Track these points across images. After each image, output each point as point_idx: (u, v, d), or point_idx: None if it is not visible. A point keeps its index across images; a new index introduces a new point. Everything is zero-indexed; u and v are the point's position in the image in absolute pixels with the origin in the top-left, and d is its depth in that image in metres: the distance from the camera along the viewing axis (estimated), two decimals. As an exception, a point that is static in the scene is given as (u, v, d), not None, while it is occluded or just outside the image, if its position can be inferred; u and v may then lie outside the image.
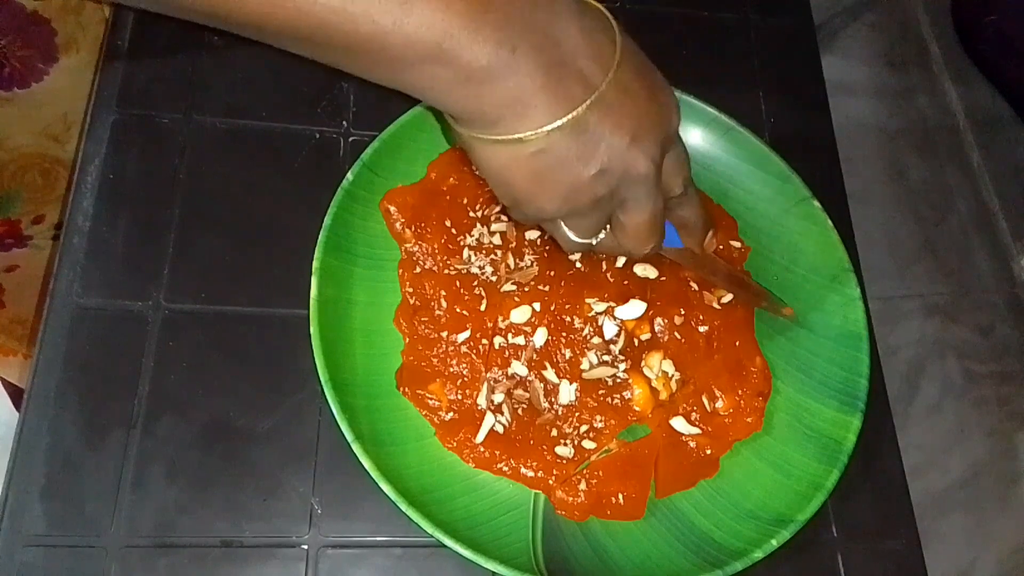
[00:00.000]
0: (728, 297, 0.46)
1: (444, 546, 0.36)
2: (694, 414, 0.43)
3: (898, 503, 0.47)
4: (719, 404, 0.44)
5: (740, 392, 0.44)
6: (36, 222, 0.61)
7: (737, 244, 0.48)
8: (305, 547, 0.40)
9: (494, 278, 0.44)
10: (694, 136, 0.50)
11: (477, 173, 0.42)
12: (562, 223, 0.32)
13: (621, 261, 0.45)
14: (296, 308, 0.44)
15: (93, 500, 0.39)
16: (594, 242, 0.33)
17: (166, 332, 0.43)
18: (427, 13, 0.24)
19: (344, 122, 0.50)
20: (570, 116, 0.27)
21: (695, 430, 0.43)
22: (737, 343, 0.45)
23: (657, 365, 0.44)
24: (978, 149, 1.51)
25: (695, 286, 0.46)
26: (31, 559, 0.38)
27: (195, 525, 0.39)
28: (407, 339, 0.43)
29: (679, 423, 0.43)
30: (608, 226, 0.33)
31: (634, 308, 0.43)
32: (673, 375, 0.44)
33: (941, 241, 1.42)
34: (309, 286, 0.40)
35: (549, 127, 0.27)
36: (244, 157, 0.48)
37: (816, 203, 0.48)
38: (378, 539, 0.41)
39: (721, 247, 0.47)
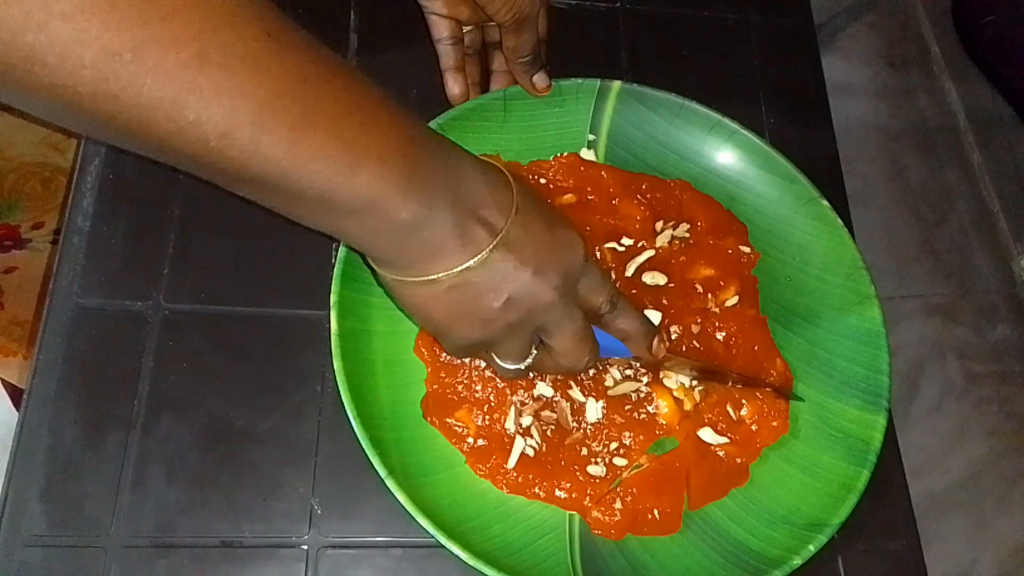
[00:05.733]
0: (733, 300, 0.46)
1: (443, 547, 0.36)
2: (720, 424, 0.43)
3: (898, 503, 0.47)
4: (744, 412, 0.44)
5: (762, 396, 0.44)
6: (35, 228, 0.62)
7: (747, 249, 0.48)
8: (305, 547, 0.40)
9: None
10: (698, 141, 0.50)
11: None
12: (493, 354, 0.37)
13: (630, 270, 0.45)
14: (296, 308, 0.44)
15: (93, 500, 0.39)
16: (523, 366, 0.37)
17: (166, 332, 0.43)
18: (371, 175, 0.28)
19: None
20: (477, 258, 0.31)
21: (723, 440, 0.43)
22: (756, 348, 0.45)
23: (675, 375, 0.44)
24: (978, 149, 1.51)
25: (700, 288, 0.46)
26: (31, 559, 0.38)
27: (195, 525, 0.39)
28: (429, 367, 0.43)
29: (707, 434, 0.43)
30: (535, 350, 0.37)
31: (650, 318, 0.43)
32: (694, 384, 0.44)
33: (941, 241, 1.42)
34: (309, 286, 0.40)
35: (459, 268, 0.31)
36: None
37: (824, 202, 0.48)
38: (378, 539, 0.41)
39: (730, 251, 0.47)
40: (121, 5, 0.22)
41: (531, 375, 0.42)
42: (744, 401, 0.44)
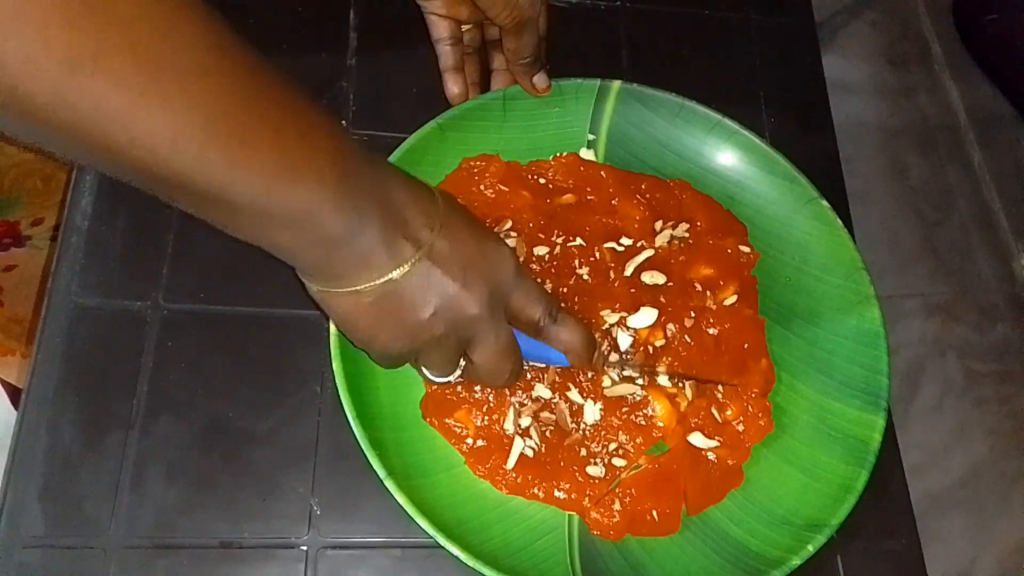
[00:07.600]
0: (732, 299, 0.46)
1: (443, 548, 0.36)
2: (708, 427, 0.43)
3: (898, 503, 0.47)
4: (728, 413, 0.44)
5: (746, 396, 0.44)
6: (35, 224, 0.62)
7: (747, 249, 0.48)
8: (304, 548, 0.40)
9: None
10: (698, 141, 0.50)
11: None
12: (420, 365, 0.37)
13: (629, 270, 0.45)
14: (295, 308, 0.44)
15: (92, 500, 0.39)
16: (452, 379, 0.38)
17: (165, 332, 0.43)
18: (308, 188, 0.28)
19: (343, 121, 0.50)
20: (400, 269, 0.32)
21: (713, 443, 0.43)
22: (746, 345, 0.45)
23: (665, 371, 0.44)
24: (979, 148, 1.51)
25: (699, 286, 0.46)
26: (30, 560, 0.37)
27: (194, 526, 0.39)
28: None
29: (697, 439, 0.43)
30: (463, 362, 0.37)
31: (646, 316, 0.43)
32: (685, 380, 0.44)
33: (942, 240, 1.42)
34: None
35: (382, 280, 0.32)
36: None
37: (824, 203, 0.48)
38: (377, 540, 0.41)
39: (730, 251, 0.47)
40: (76, 16, 0.21)
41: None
42: (728, 402, 0.44)
